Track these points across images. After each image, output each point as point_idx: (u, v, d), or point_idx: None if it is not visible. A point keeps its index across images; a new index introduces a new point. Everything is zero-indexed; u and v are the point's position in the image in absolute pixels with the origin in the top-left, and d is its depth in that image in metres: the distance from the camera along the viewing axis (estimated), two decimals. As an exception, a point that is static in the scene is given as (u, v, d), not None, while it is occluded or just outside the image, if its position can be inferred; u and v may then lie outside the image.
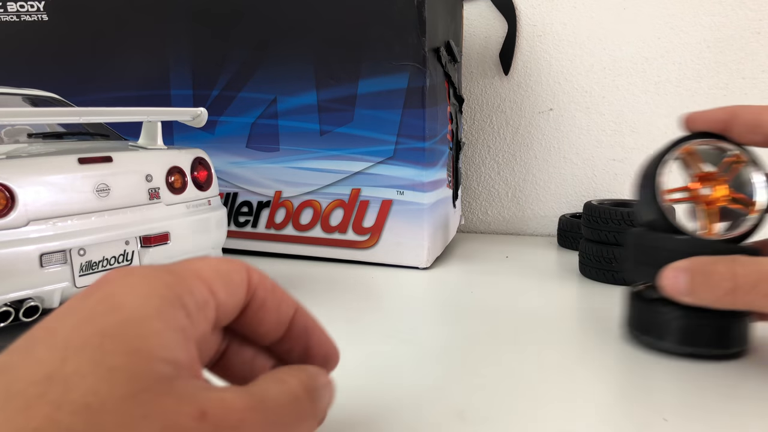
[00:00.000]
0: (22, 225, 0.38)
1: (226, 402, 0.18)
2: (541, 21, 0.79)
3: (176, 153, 0.48)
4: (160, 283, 0.19)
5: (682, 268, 0.33)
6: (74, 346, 0.17)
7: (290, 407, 0.20)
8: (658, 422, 0.30)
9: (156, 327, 0.18)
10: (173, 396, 0.17)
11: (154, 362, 0.17)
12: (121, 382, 0.17)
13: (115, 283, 0.19)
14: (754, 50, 0.73)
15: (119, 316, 0.18)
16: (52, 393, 0.16)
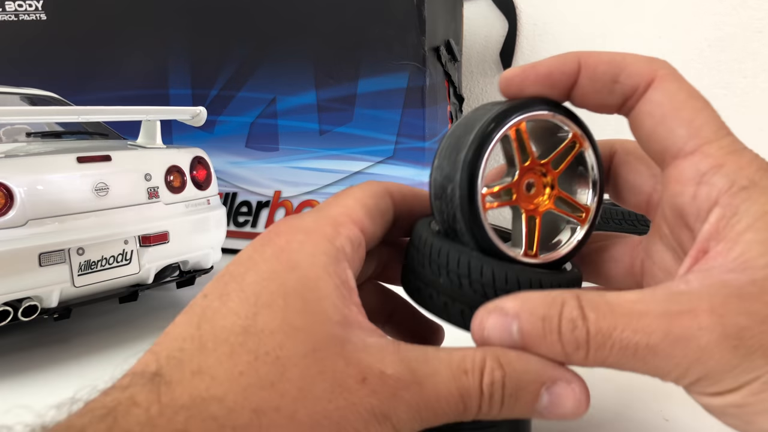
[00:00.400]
0: (20, 224, 0.38)
1: (388, 366, 0.20)
2: (541, 20, 0.79)
3: (175, 152, 0.48)
4: (323, 239, 0.22)
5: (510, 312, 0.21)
6: (263, 303, 0.20)
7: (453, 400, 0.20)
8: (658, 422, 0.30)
9: (327, 287, 0.21)
10: (343, 357, 0.20)
11: (328, 324, 0.20)
12: (302, 341, 0.20)
13: (285, 238, 0.22)
14: (755, 49, 0.72)
15: (296, 275, 0.21)
16: (250, 344, 0.19)
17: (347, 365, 0.20)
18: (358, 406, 0.19)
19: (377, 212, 0.24)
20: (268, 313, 0.20)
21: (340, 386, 0.19)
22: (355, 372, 0.20)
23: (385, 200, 0.25)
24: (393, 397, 0.20)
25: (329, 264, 0.21)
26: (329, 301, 0.21)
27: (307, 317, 0.20)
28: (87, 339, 0.43)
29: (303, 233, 0.22)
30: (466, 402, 0.20)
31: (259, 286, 0.21)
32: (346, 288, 0.22)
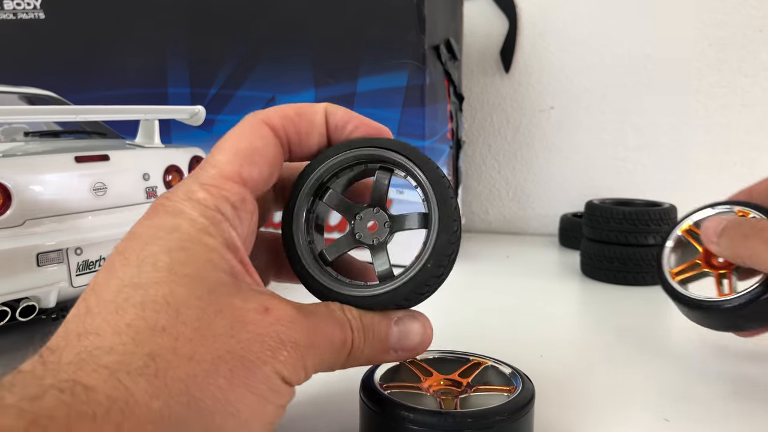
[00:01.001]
0: (18, 224, 0.37)
1: (283, 304, 0.21)
2: (542, 19, 0.79)
3: (174, 151, 0.48)
4: (199, 204, 0.22)
5: None
6: (147, 263, 0.20)
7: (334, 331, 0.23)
8: (659, 422, 0.29)
9: (210, 243, 0.21)
10: (239, 297, 0.20)
11: (217, 271, 0.21)
12: (194, 285, 0.20)
13: (163, 208, 0.22)
14: (756, 48, 0.72)
15: (177, 236, 0.21)
16: (136, 297, 0.19)
17: (245, 302, 0.20)
18: (264, 335, 0.20)
19: (255, 154, 0.24)
20: (152, 269, 0.20)
21: (241, 321, 0.20)
22: (255, 305, 0.20)
23: (264, 138, 0.24)
24: (296, 323, 0.21)
25: (209, 225, 0.22)
26: (215, 253, 0.21)
27: (194, 266, 0.20)
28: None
29: (179, 202, 0.22)
30: (345, 333, 0.23)
31: (142, 251, 0.21)
32: (230, 246, 0.22)
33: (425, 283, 0.25)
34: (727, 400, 0.32)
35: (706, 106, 0.75)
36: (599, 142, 0.79)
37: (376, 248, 0.26)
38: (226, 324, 0.20)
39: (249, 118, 0.25)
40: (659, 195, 0.75)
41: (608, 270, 0.55)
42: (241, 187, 0.23)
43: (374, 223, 0.26)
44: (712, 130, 0.75)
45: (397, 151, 0.26)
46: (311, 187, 0.26)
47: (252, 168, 0.24)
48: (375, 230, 0.26)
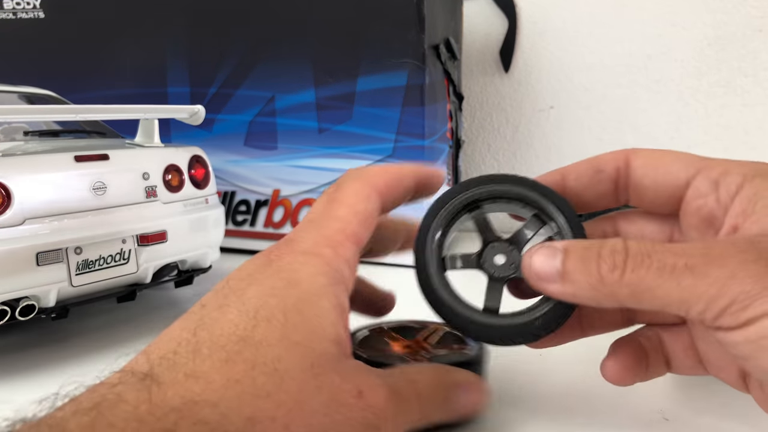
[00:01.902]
0: (18, 223, 0.37)
1: (375, 386, 0.22)
2: (541, 18, 0.79)
3: (173, 151, 0.48)
4: (322, 261, 0.23)
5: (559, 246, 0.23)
6: (262, 316, 0.21)
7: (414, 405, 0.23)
8: (658, 421, 0.29)
9: (325, 306, 0.22)
10: (339, 374, 0.21)
11: (325, 342, 0.21)
12: (300, 355, 0.20)
13: (286, 259, 0.23)
14: (755, 48, 0.72)
15: (296, 292, 0.21)
16: (247, 353, 0.20)
17: (343, 381, 0.21)
18: (353, 420, 0.20)
19: (369, 218, 0.25)
20: (266, 326, 0.20)
21: (336, 401, 0.20)
22: (350, 387, 0.21)
23: (374, 203, 0.26)
24: (384, 409, 0.21)
25: (328, 285, 0.22)
26: (327, 319, 0.22)
27: (305, 333, 0.21)
28: (85, 338, 0.43)
29: (302, 254, 0.23)
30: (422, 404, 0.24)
31: (259, 300, 0.21)
32: (341, 309, 0.23)
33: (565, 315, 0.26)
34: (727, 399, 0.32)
35: (706, 106, 0.75)
36: (599, 142, 0.79)
37: (495, 281, 0.27)
38: (324, 401, 0.20)
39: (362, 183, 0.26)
40: (658, 194, 0.75)
41: (607, 269, 0.55)
42: (357, 249, 0.24)
43: (505, 259, 0.27)
44: (712, 130, 0.75)
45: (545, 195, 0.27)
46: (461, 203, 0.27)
47: (366, 232, 0.25)
48: (501, 265, 0.27)
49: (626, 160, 0.27)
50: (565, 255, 0.23)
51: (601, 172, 0.27)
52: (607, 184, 0.27)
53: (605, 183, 0.27)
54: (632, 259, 0.21)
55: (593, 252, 0.22)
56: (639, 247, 0.22)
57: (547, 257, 0.23)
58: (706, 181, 0.25)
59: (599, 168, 0.27)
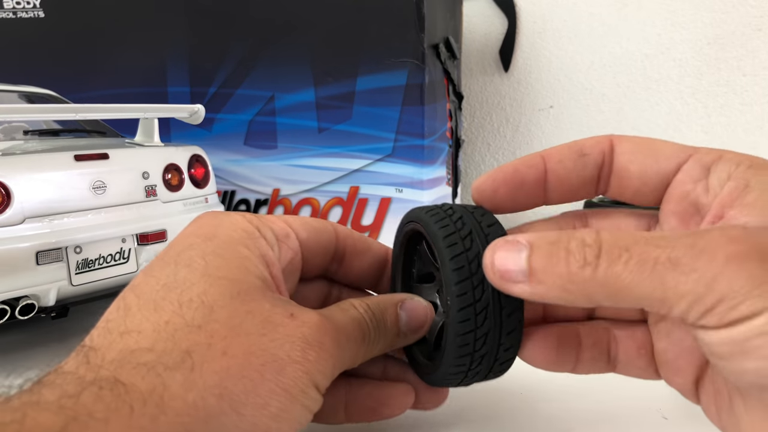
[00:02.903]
0: (17, 222, 0.37)
1: (306, 311, 0.22)
2: (541, 18, 0.79)
3: (173, 150, 0.48)
4: (241, 221, 0.24)
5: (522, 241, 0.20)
6: (182, 263, 0.22)
7: (353, 327, 0.23)
8: (657, 420, 0.29)
9: (244, 252, 0.23)
10: (268, 300, 0.21)
11: (250, 276, 0.22)
12: (226, 286, 0.21)
13: (205, 221, 0.24)
14: (755, 47, 0.72)
15: (214, 243, 0.22)
16: (172, 296, 0.20)
17: (273, 306, 0.21)
18: (292, 336, 0.21)
19: (314, 230, 0.26)
20: (187, 269, 0.21)
21: (270, 322, 0.21)
22: (282, 311, 0.21)
23: (326, 228, 0.27)
24: (319, 328, 0.22)
25: (247, 237, 0.23)
26: (249, 261, 0.22)
27: (228, 270, 0.22)
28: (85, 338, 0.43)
29: (222, 214, 0.24)
30: (363, 329, 0.24)
31: (179, 254, 0.22)
32: (265, 259, 0.23)
33: None
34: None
35: (705, 105, 0.75)
36: (598, 141, 0.79)
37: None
38: (257, 323, 0.20)
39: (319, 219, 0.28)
40: (658, 194, 0.75)
41: (607, 268, 0.55)
42: (288, 228, 0.25)
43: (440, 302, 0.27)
44: (711, 129, 0.75)
45: None
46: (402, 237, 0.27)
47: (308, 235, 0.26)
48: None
49: (611, 144, 0.24)
50: (531, 250, 0.20)
51: (586, 156, 0.24)
52: (591, 169, 0.24)
53: (590, 168, 0.24)
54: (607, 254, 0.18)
55: (561, 246, 0.19)
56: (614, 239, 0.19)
57: (510, 252, 0.20)
58: (697, 166, 0.22)
59: (583, 151, 0.24)
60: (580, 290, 0.19)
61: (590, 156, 0.24)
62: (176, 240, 0.23)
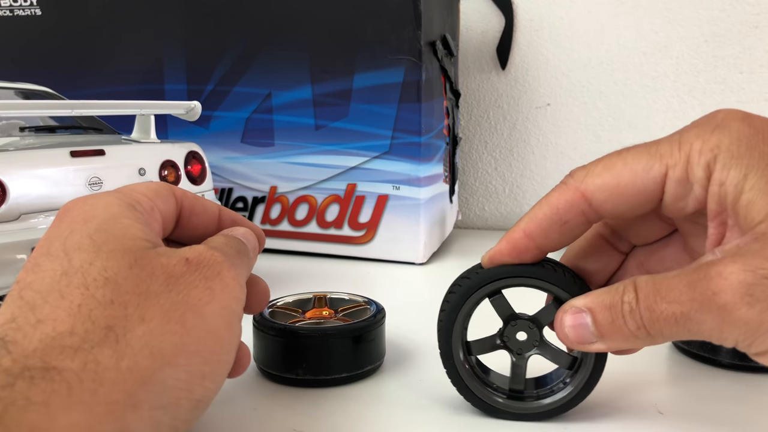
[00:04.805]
0: (13, 218, 0.37)
1: (196, 249, 0.24)
2: (538, 15, 0.79)
3: (169, 147, 0.48)
4: (113, 198, 0.24)
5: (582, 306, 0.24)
6: (72, 248, 0.22)
7: (235, 250, 0.26)
8: (653, 415, 0.30)
9: (126, 222, 0.23)
10: (162, 256, 0.23)
11: (138, 240, 0.23)
12: (121, 257, 0.22)
13: (76, 207, 0.24)
14: (751, 45, 0.72)
15: (95, 222, 0.23)
16: (75, 281, 0.21)
17: (168, 259, 0.23)
18: (196, 280, 0.22)
19: (165, 198, 0.27)
20: (79, 253, 0.22)
21: (172, 276, 0.22)
22: (176, 260, 0.23)
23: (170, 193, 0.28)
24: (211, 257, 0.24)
25: (125, 209, 0.24)
26: (133, 228, 0.23)
27: (116, 241, 0.22)
28: None
29: (93, 198, 0.24)
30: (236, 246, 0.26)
31: (63, 242, 0.22)
32: (147, 227, 0.24)
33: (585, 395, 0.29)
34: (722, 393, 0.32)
35: (702, 103, 0.75)
36: (595, 139, 0.79)
37: (519, 359, 0.29)
38: (162, 282, 0.22)
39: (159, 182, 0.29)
40: (655, 191, 0.75)
41: (604, 265, 0.55)
42: (151, 203, 0.26)
43: (527, 336, 0.29)
44: (708, 127, 0.75)
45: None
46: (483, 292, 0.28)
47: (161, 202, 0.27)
48: (524, 341, 0.29)
49: (585, 200, 0.25)
50: (593, 316, 0.24)
51: (567, 223, 0.25)
52: (579, 228, 0.26)
53: (577, 228, 0.26)
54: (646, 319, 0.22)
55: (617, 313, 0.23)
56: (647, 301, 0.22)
57: (576, 321, 0.24)
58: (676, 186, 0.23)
59: (562, 220, 0.25)
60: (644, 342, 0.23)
61: (571, 222, 0.25)
62: (52, 233, 0.23)
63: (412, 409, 0.31)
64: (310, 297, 0.38)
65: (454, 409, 0.30)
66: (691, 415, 0.30)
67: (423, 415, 0.30)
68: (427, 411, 0.30)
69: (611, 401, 0.31)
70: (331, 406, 0.31)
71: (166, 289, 0.21)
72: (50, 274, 0.21)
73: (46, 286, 0.21)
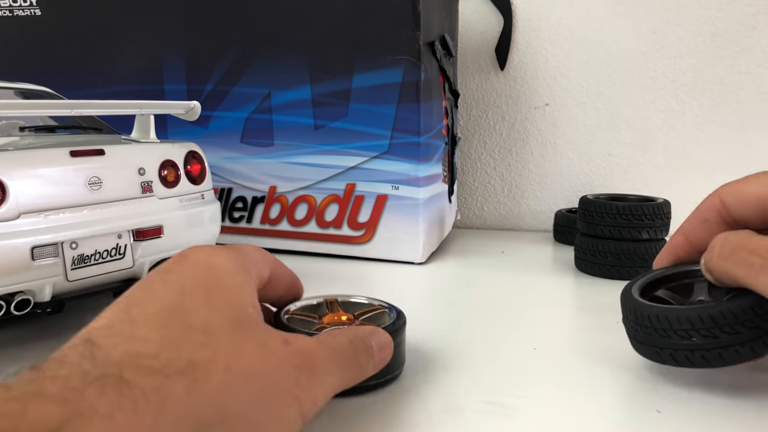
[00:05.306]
0: (13, 218, 0.37)
1: (299, 336, 0.25)
2: (537, 16, 0.79)
3: (169, 146, 0.48)
4: (231, 253, 0.26)
5: None
6: (187, 291, 0.23)
7: (342, 352, 0.26)
8: (651, 413, 0.30)
9: (240, 281, 0.25)
10: (261, 329, 0.24)
11: (245, 307, 0.24)
12: (226, 316, 0.23)
13: (199, 253, 0.26)
14: (749, 45, 0.73)
15: (213, 272, 0.25)
16: (178, 319, 0.22)
17: (268, 333, 0.24)
18: (285, 363, 0.23)
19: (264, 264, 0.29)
20: (192, 298, 0.23)
21: (266, 347, 0.23)
22: (275, 337, 0.24)
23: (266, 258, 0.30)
24: (312, 352, 0.24)
25: (238, 267, 0.26)
26: (244, 290, 0.25)
27: (226, 301, 0.24)
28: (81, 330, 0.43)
29: (213, 248, 0.26)
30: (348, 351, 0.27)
31: (182, 280, 0.24)
32: (251, 287, 0.26)
33: None
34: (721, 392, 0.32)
35: (701, 103, 0.75)
36: (594, 138, 0.79)
37: None
38: (255, 348, 0.22)
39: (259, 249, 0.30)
40: (653, 191, 0.76)
41: (602, 265, 0.55)
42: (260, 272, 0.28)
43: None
44: (706, 127, 0.75)
45: None
46: None
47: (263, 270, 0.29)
48: None
49: (721, 201, 0.32)
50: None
51: (707, 221, 0.33)
52: (718, 227, 0.32)
53: (716, 227, 0.33)
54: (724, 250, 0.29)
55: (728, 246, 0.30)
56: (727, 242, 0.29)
57: None
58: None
59: (704, 218, 0.33)
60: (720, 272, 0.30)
61: (710, 221, 0.33)
62: (174, 267, 0.25)
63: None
64: (320, 301, 0.37)
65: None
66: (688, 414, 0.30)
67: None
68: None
69: (611, 400, 0.31)
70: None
71: (256, 355, 0.22)
72: (159, 304, 0.22)
73: (152, 311, 0.22)
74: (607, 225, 0.55)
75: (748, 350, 0.29)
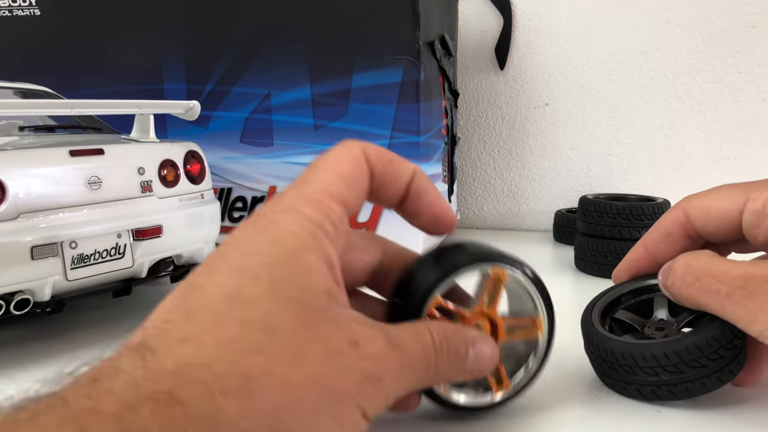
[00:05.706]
0: (12, 217, 0.37)
1: (372, 337, 0.22)
2: (536, 15, 0.79)
3: (169, 146, 0.48)
4: (303, 217, 0.22)
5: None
6: (249, 275, 0.21)
7: (420, 360, 0.23)
8: (651, 413, 0.30)
9: (311, 259, 0.22)
10: (331, 323, 0.21)
11: (315, 293, 0.21)
12: (291, 308, 0.20)
13: (267, 218, 0.23)
14: (749, 44, 0.73)
15: (280, 249, 0.21)
16: (237, 312, 0.20)
17: (337, 330, 0.21)
18: (351, 369, 0.21)
19: (354, 180, 0.25)
20: (254, 284, 0.21)
21: (331, 350, 0.20)
22: (345, 337, 0.21)
23: (361, 167, 0.25)
24: (383, 359, 0.22)
25: (311, 240, 0.22)
26: (316, 272, 0.22)
27: (294, 287, 0.21)
28: (81, 333, 0.43)
29: (284, 213, 0.23)
30: (428, 361, 0.24)
31: (244, 260, 0.21)
32: (329, 263, 0.23)
33: None
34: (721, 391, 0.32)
35: (700, 103, 0.75)
36: (593, 138, 0.79)
37: None
38: (319, 351, 0.20)
39: (350, 145, 0.25)
40: (653, 190, 0.76)
41: (602, 264, 0.55)
42: (341, 207, 0.24)
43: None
44: (706, 127, 0.75)
45: None
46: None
47: (351, 193, 0.24)
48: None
49: (686, 215, 0.32)
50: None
51: (671, 235, 0.32)
52: (681, 241, 0.32)
53: (680, 241, 0.32)
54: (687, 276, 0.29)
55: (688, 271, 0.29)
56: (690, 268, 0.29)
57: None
58: (751, 215, 0.29)
59: (668, 232, 0.32)
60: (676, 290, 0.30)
61: (674, 234, 0.32)
62: (240, 236, 0.22)
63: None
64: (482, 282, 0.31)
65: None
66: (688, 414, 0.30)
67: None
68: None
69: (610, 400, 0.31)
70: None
71: (320, 361, 0.20)
72: (218, 291, 0.20)
73: (208, 302, 0.20)
74: (607, 225, 0.55)
75: (715, 381, 0.29)
